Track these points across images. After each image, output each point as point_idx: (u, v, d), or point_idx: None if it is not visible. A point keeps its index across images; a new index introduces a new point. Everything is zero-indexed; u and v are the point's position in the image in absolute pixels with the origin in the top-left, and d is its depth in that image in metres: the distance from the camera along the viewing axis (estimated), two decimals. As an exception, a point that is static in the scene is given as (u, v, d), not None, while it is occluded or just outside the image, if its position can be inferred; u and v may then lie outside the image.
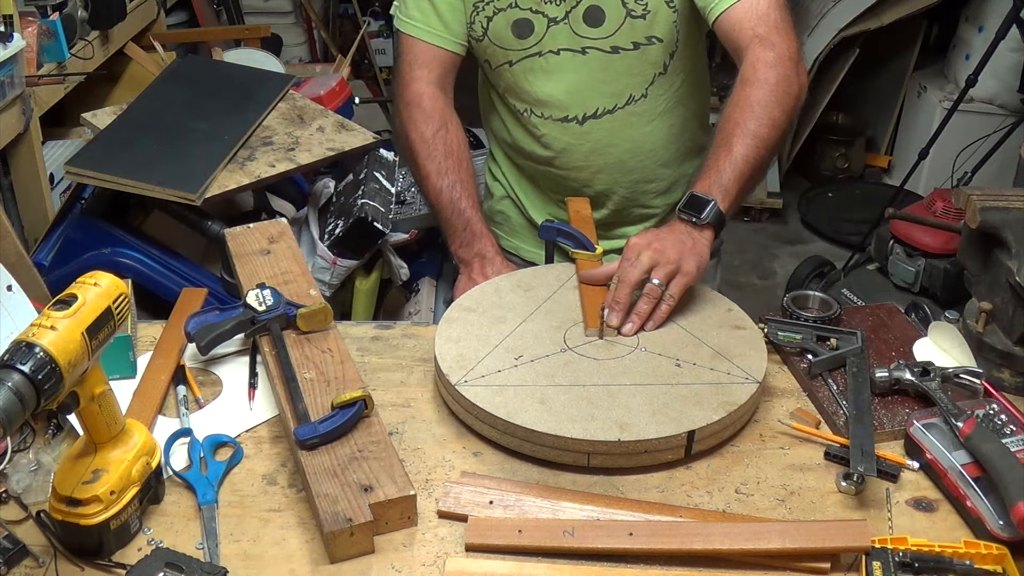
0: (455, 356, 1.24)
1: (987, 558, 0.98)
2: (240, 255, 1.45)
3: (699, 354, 1.25)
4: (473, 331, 1.29)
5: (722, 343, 1.27)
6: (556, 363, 1.23)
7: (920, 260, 3.02)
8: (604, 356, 1.25)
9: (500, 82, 1.66)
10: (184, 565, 0.95)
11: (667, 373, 1.21)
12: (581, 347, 1.26)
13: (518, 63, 1.60)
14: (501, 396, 1.16)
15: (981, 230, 1.31)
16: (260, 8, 4.37)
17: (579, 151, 1.64)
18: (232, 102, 2.50)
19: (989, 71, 3.19)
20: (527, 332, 1.29)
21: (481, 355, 1.24)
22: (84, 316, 0.92)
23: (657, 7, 1.52)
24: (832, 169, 4.30)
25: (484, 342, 1.27)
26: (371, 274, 2.57)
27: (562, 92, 1.60)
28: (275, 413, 1.22)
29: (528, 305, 1.35)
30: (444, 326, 1.31)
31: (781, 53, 1.40)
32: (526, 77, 1.61)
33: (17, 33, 2.23)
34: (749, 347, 1.26)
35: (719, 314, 1.33)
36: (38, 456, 1.12)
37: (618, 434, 1.11)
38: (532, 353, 1.25)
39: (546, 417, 1.13)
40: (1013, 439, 1.11)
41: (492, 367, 1.22)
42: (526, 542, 1.00)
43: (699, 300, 1.36)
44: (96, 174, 2.18)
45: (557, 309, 1.35)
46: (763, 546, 0.99)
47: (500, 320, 1.32)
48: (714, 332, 1.29)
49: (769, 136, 1.38)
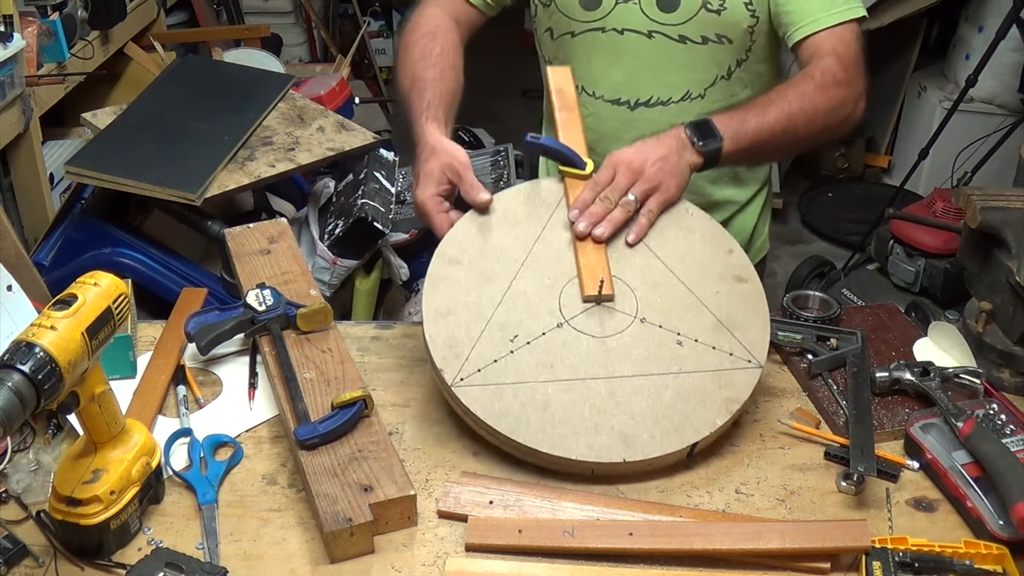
0: (446, 340, 1.15)
1: (987, 558, 0.98)
2: (240, 255, 1.45)
3: (700, 323, 1.19)
4: (461, 296, 1.19)
5: (723, 306, 1.21)
6: (554, 344, 1.16)
7: (920, 260, 3.02)
8: (602, 332, 1.18)
9: (559, 53, 1.58)
10: (184, 565, 0.95)
11: (668, 357, 1.16)
12: (579, 318, 1.19)
13: (580, 35, 1.53)
14: (500, 401, 1.12)
15: (981, 230, 1.31)
16: (260, 8, 4.37)
17: (624, 138, 1.49)
18: (232, 102, 2.50)
19: (989, 71, 3.19)
20: (519, 297, 1.19)
21: (474, 335, 1.16)
22: (84, 316, 0.92)
23: (734, 6, 1.44)
24: (832, 169, 4.30)
25: (475, 315, 1.17)
26: (371, 274, 2.57)
27: (620, 73, 1.52)
28: (275, 413, 1.22)
29: (517, 249, 1.23)
30: (430, 291, 1.20)
31: (852, 79, 1.37)
32: (586, 52, 1.53)
33: (17, 33, 2.23)
34: (752, 312, 1.21)
35: (720, 259, 1.26)
36: (38, 456, 1.12)
37: (622, 452, 1.10)
38: (528, 331, 1.17)
39: (549, 430, 1.10)
40: (1013, 439, 1.11)
41: (487, 355, 1.15)
42: (526, 542, 1.00)
43: (699, 239, 1.27)
44: (96, 174, 2.19)
45: (549, 254, 1.24)
46: (763, 546, 0.99)
47: (489, 279, 1.21)
48: (715, 289, 1.22)
49: (802, 127, 1.34)
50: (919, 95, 4.08)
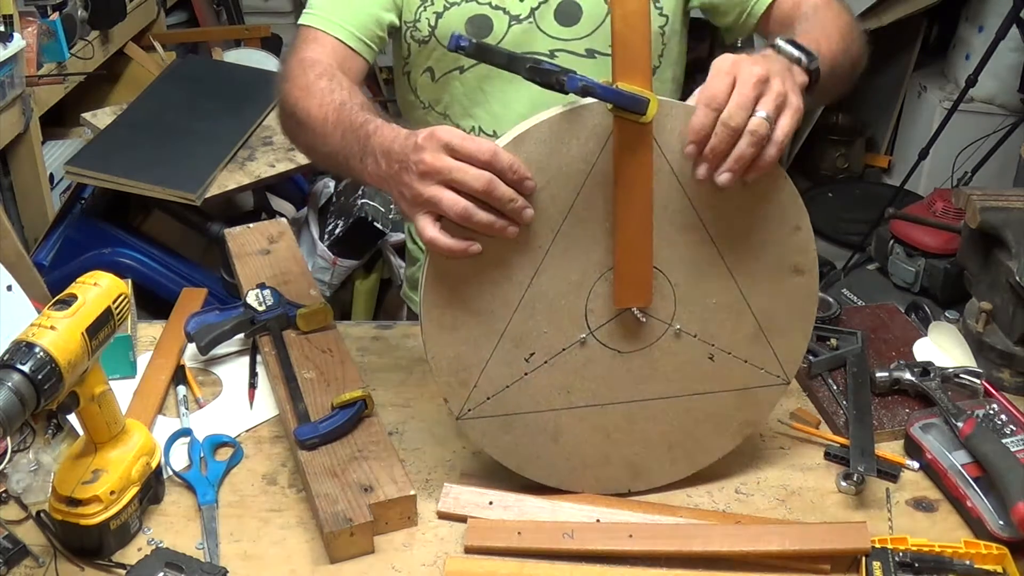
0: (452, 359, 0.99)
1: (987, 558, 0.98)
2: (240, 255, 1.45)
3: (739, 331, 1.03)
4: (469, 302, 0.97)
5: (769, 308, 1.03)
6: (574, 364, 1.01)
7: (920, 260, 3.02)
8: (630, 346, 1.02)
9: (444, 96, 1.36)
10: (184, 565, 0.95)
11: (696, 375, 1.05)
12: (605, 329, 1.01)
13: (471, 70, 1.33)
14: (510, 433, 1.03)
15: (981, 230, 1.31)
16: (260, 8, 4.37)
17: None
18: (232, 102, 2.50)
19: (989, 71, 3.19)
20: (540, 300, 0.98)
21: (484, 356, 0.99)
22: (84, 316, 0.92)
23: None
24: (832, 169, 4.30)
25: (486, 328, 0.98)
26: (371, 274, 2.57)
27: (523, 104, 1.30)
28: (275, 413, 1.22)
29: (541, 229, 0.95)
30: (431, 287, 0.96)
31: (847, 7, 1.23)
32: (480, 87, 1.33)
33: (17, 33, 2.23)
34: (798, 315, 1.05)
35: (783, 240, 1.02)
36: (38, 456, 1.12)
37: (628, 484, 1.08)
38: (547, 346, 1.00)
39: (559, 464, 1.06)
40: (1013, 439, 1.11)
41: (499, 380, 1.01)
42: (526, 544, 1.00)
43: (766, 209, 1.00)
44: (96, 174, 2.19)
45: (581, 236, 0.97)
46: (763, 548, 0.99)
47: (505, 275, 0.96)
48: (767, 284, 1.03)
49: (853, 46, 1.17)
50: (919, 95, 4.08)
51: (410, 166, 0.92)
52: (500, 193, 0.90)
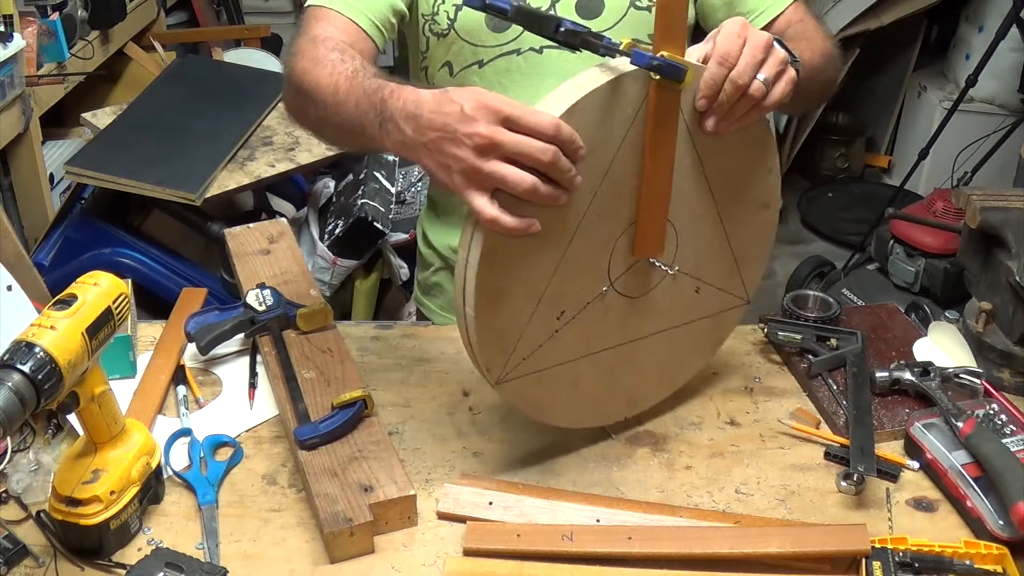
0: (498, 331, 1.00)
1: (987, 558, 0.98)
2: (240, 255, 1.45)
3: (721, 266, 1.14)
4: (516, 272, 0.98)
5: (742, 240, 1.14)
6: (595, 315, 1.06)
7: (920, 260, 3.03)
8: (639, 291, 1.09)
9: None
10: (184, 565, 0.95)
11: (685, 307, 1.15)
12: (622, 280, 1.07)
13: (490, 63, 1.31)
14: (539, 387, 1.07)
15: (981, 230, 1.31)
16: (260, 8, 4.37)
17: None
18: (232, 102, 2.51)
19: (989, 71, 3.19)
20: (574, 261, 1.01)
21: (523, 320, 1.01)
22: (84, 316, 0.92)
23: None
24: (832, 169, 4.30)
25: (528, 291, 1.00)
26: (371, 274, 2.57)
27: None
28: (275, 413, 1.22)
29: (583, 191, 0.95)
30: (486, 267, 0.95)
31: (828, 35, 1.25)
32: (500, 81, 1.31)
33: (17, 33, 2.23)
34: (760, 243, 1.18)
35: (758, 181, 1.13)
36: (38, 456, 1.12)
37: (625, 412, 1.17)
38: (575, 302, 1.04)
39: (575, 406, 1.13)
40: (1013, 439, 1.11)
41: (534, 340, 1.03)
42: (525, 546, 1.00)
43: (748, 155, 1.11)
44: (96, 174, 2.19)
45: (614, 196, 1.00)
46: (762, 550, 0.99)
47: (547, 241, 0.97)
48: (742, 218, 1.13)
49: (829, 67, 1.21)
50: (919, 95, 4.08)
51: (460, 139, 0.88)
52: (563, 165, 0.89)
